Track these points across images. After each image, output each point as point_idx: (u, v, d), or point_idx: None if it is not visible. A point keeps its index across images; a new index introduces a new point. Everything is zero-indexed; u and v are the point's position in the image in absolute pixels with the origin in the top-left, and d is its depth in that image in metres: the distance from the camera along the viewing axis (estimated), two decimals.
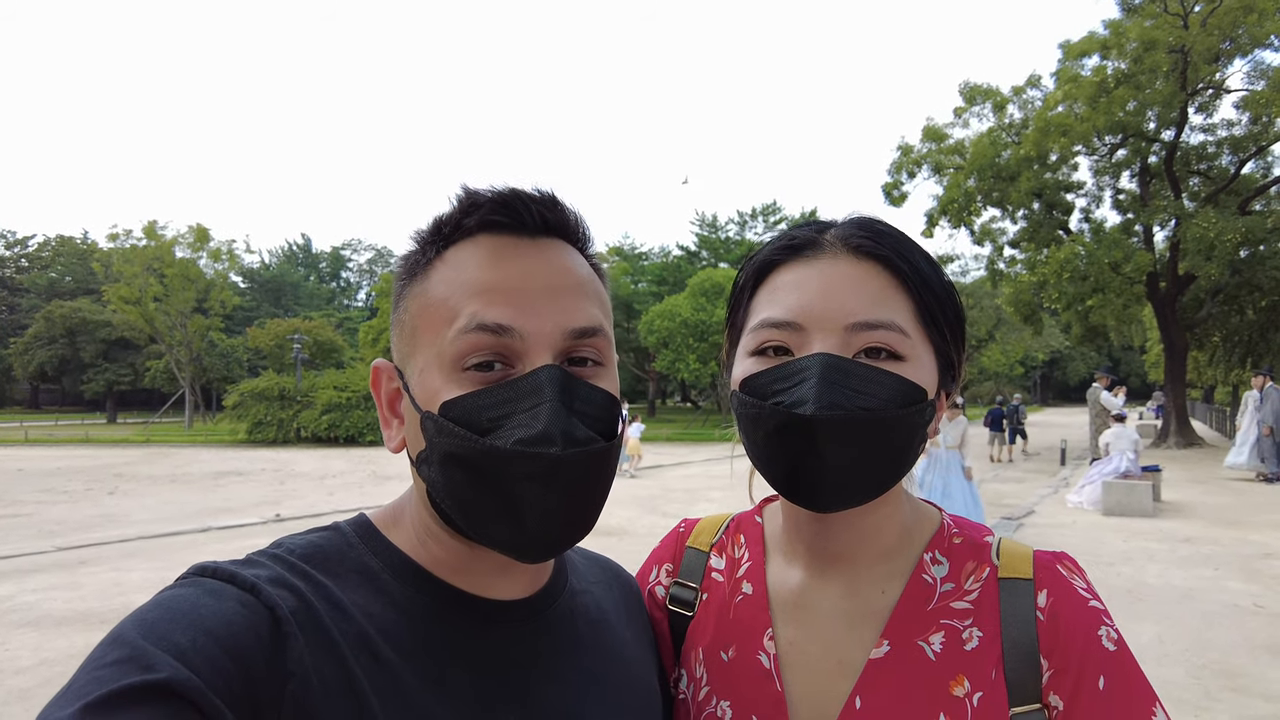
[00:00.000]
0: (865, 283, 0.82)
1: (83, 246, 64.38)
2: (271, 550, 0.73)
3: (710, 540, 1.04)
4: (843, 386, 0.78)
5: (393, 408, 0.80)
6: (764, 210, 51.96)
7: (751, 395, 0.84)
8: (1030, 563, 0.85)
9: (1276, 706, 4.47)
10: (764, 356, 0.85)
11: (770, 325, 0.84)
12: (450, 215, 0.76)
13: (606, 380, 0.77)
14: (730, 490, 15.32)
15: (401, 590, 0.75)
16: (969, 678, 0.80)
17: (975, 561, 0.87)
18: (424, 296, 0.75)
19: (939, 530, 0.91)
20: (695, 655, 0.95)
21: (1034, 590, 0.82)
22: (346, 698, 0.64)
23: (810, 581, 0.91)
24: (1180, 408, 23.24)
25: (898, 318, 0.81)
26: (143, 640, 0.57)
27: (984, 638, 0.81)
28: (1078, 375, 78.47)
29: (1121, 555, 8.39)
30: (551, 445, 0.67)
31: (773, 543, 0.99)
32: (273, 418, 30.32)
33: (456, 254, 0.75)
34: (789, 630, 0.90)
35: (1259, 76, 20.27)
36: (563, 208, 0.78)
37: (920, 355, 0.83)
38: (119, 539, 10.22)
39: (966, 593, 0.85)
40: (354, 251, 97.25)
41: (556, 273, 0.75)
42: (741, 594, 0.95)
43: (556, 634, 0.82)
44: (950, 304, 0.86)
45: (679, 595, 1.01)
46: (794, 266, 0.86)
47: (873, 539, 0.89)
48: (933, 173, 24.69)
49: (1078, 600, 0.81)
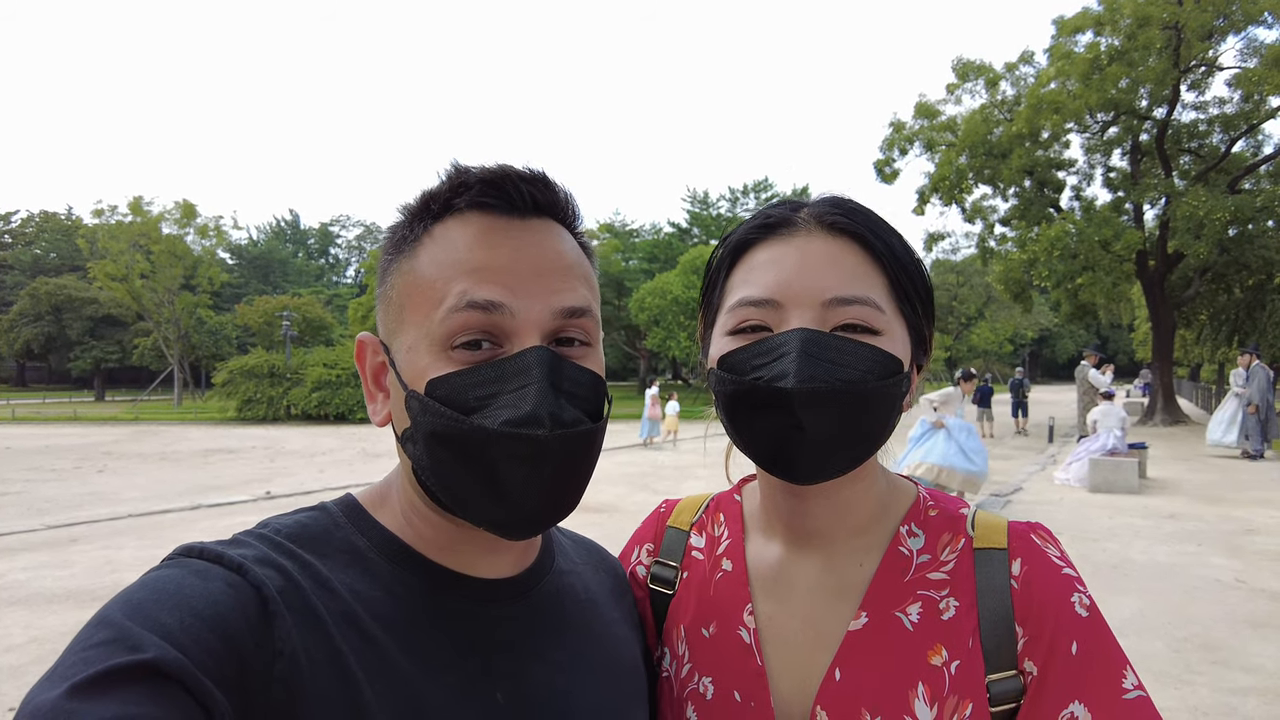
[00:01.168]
0: (841, 259, 0.83)
1: (67, 222, 63.62)
2: (258, 530, 0.73)
3: (690, 520, 1.05)
4: (822, 360, 0.79)
5: (378, 381, 0.80)
6: (756, 186, 51.78)
7: (730, 372, 0.84)
8: (1005, 533, 0.86)
9: (1256, 679, 4.55)
10: (742, 335, 0.85)
11: (748, 304, 0.85)
12: (440, 192, 0.75)
13: (593, 361, 0.77)
14: (720, 468, 15.25)
15: (389, 569, 0.75)
16: (946, 647, 0.81)
17: (951, 533, 0.88)
18: (412, 274, 0.74)
19: (915, 503, 0.92)
20: (677, 633, 0.96)
21: (1008, 559, 0.83)
22: (334, 676, 0.64)
23: (789, 557, 0.92)
24: (1167, 386, 23.45)
25: (873, 293, 0.82)
26: (129, 621, 0.57)
27: (960, 607, 0.83)
28: (1066, 353, 78.95)
29: (1107, 531, 8.50)
30: (539, 427, 0.67)
31: (751, 520, 1.00)
32: (262, 395, 30.25)
33: (446, 232, 0.74)
34: (768, 605, 0.91)
35: (1252, 54, 20.24)
36: (553, 187, 0.77)
37: (894, 329, 0.84)
38: (109, 517, 10.21)
39: (943, 564, 0.86)
40: (342, 228, 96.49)
41: (546, 253, 0.74)
42: (721, 571, 0.97)
43: (543, 612, 0.83)
44: (920, 280, 0.87)
45: (660, 574, 1.02)
46: (770, 245, 0.87)
47: (849, 513, 0.90)
48: (925, 149, 24.62)
49: (1051, 568, 0.83)
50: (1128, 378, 53.19)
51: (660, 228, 55.78)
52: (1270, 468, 13.72)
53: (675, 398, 20.86)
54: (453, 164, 0.76)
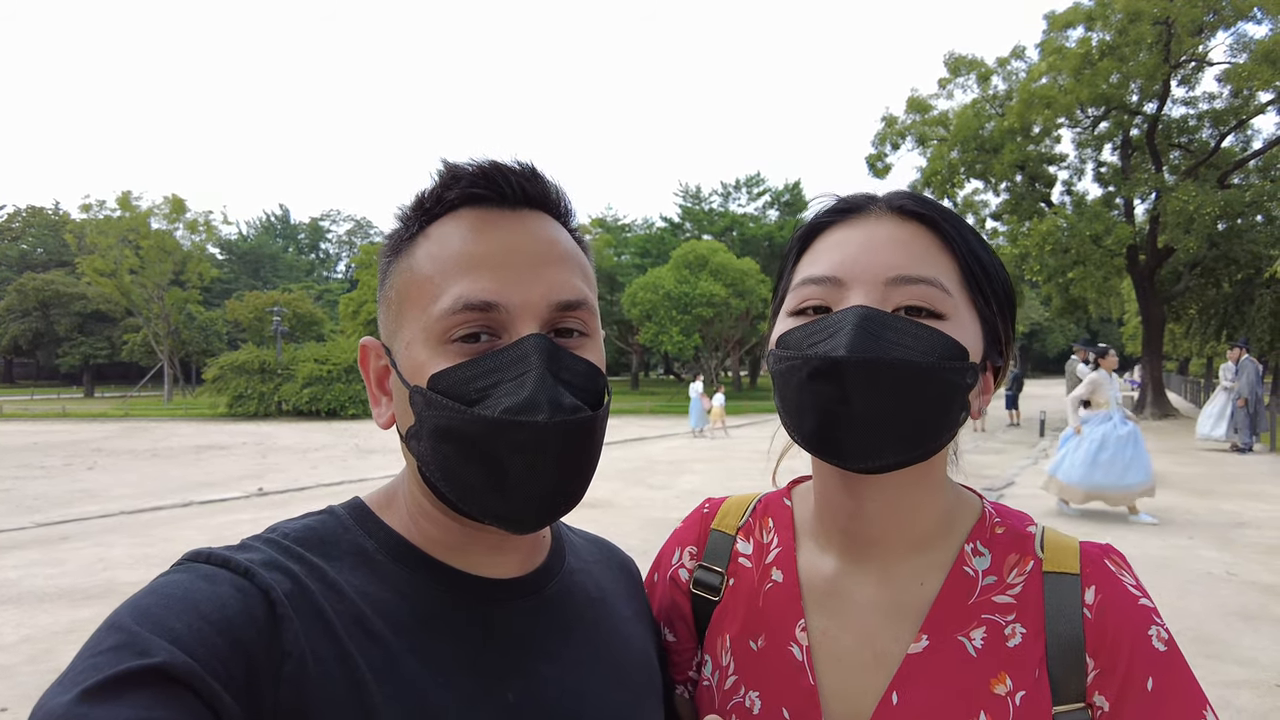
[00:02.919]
0: (909, 242, 0.81)
1: (54, 217, 63.14)
2: (266, 535, 0.74)
3: (736, 523, 1.01)
4: (878, 338, 0.75)
5: (381, 385, 0.80)
6: (748, 181, 51.73)
7: (786, 349, 0.82)
8: (1077, 556, 0.82)
9: (1248, 671, 4.59)
10: (803, 316, 0.83)
11: (810, 282, 0.83)
12: (432, 190, 0.76)
13: (592, 351, 0.77)
14: (713, 463, 15.49)
15: (397, 571, 0.75)
16: (1011, 675, 0.77)
17: (1018, 554, 0.84)
18: (409, 273, 0.75)
19: (980, 519, 0.88)
20: (721, 642, 0.93)
21: (1081, 586, 0.80)
22: (344, 678, 0.64)
23: (844, 569, 0.88)
24: (1157, 379, 23.60)
25: (940, 275, 0.80)
26: (138, 626, 0.57)
27: (1027, 634, 0.79)
28: (1057, 347, 79.35)
29: (1099, 525, 8.54)
30: (538, 412, 0.67)
31: (803, 527, 0.95)
32: (253, 391, 30.10)
33: (440, 229, 0.75)
34: (822, 621, 0.88)
35: (1241, 49, 20.35)
36: (542, 180, 0.78)
37: (962, 316, 0.80)
38: (100, 514, 10.14)
39: (1009, 586, 0.82)
40: (333, 223, 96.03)
41: (540, 244, 0.75)
42: (771, 581, 0.93)
43: (554, 612, 0.82)
44: (998, 276, 0.84)
45: (703, 579, 0.98)
46: (839, 228, 0.85)
47: (910, 523, 0.86)
48: (917, 144, 24.69)
49: (1128, 598, 0.79)
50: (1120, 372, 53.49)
51: (652, 222, 55.76)
52: (1259, 461, 13.84)
53: (721, 390, 22.50)
54: (443, 161, 0.77)
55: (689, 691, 0.99)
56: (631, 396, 40.68)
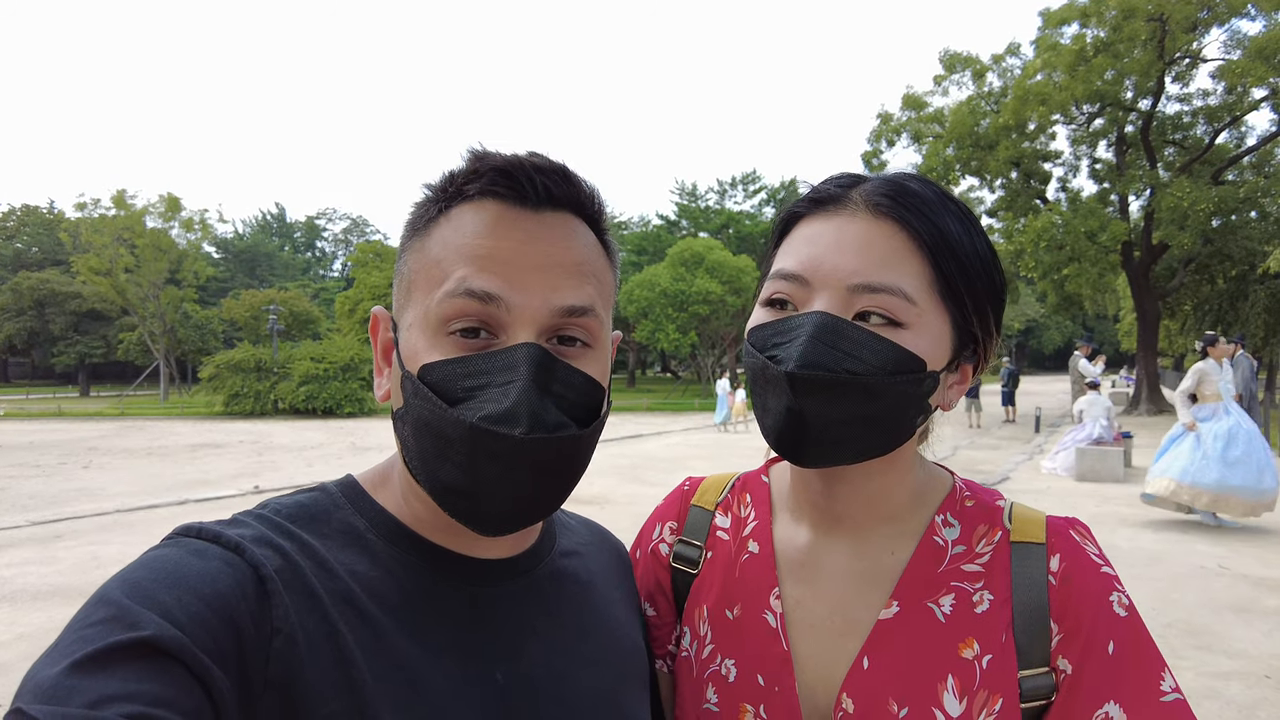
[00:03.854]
0: (876, 244, 0.80)
1: (49, 216, 62.80)
2: (257, 510, 0.73)
3: (715, 499, 1.04)
4: (832, 348, 0.77)
5: (386, 356, 0.79)
6: (744, 179, 51.75)
7: (754, 346, 0.84)
8: (1043, 527, 0.85)
9: (1238, 663, 4.62)
10: (772, 308, 0.85)
11: (781, 276, 0.84)
12: (456, 175, 0.75)
13: (593, 363, 0.75)
14: (710, 460, 15.52)
15: (387, 549, 0.75)
16: (978, 640, 0.80)
17: (987, 524, 0.87)
18: (423, 253, 0.74)
19: (951, 493, 0.91)
20: (699, 613, 0.95)
21: (1046, 555, 0.82)
22: (332, 655, 0.64)
23: (818, 540, 0.91)
24: (1151, 375, 23.67)
25: (904, 283, 0.78)
26: (127, 599, 0.57)
27: (994, 600, 0.81)
28: (1053, 344, 79.49)
29: (1093, 519, 8.56)
30: (516, 426, 0.66)
31: (779, 502, 0.98)
32: (249, 390, 30.00)
33: (459, 215, 0.73)
34: (796, 589, 0.90)
35: (1235, 45, 20.41)
36: (573, 180, 0.75)
37: (928, 324, 0.80)
38: (95, 513, 10.12)
39: (978, 555, 0.85)
40: (329, 221, 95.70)
41: (554, 248, 0.73)
42: (748, 553, 0.95)
43: (544, 593, 0.83)
44: (980, 273, 0.82)
45: (683, 553, 1.01)
46: (814, 220, 0.85)
47: (880, 502, 0.88)
48: (912, 141, 24.73)
49: (1091, 566, 0.82)
50: (1114, 368, 53.67)
51: (649, 220, 55.80)
52: None
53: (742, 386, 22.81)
54: (473, 147, 0.75)
55: (668, 665, 1.00)
56: (628, 394, 40.68)
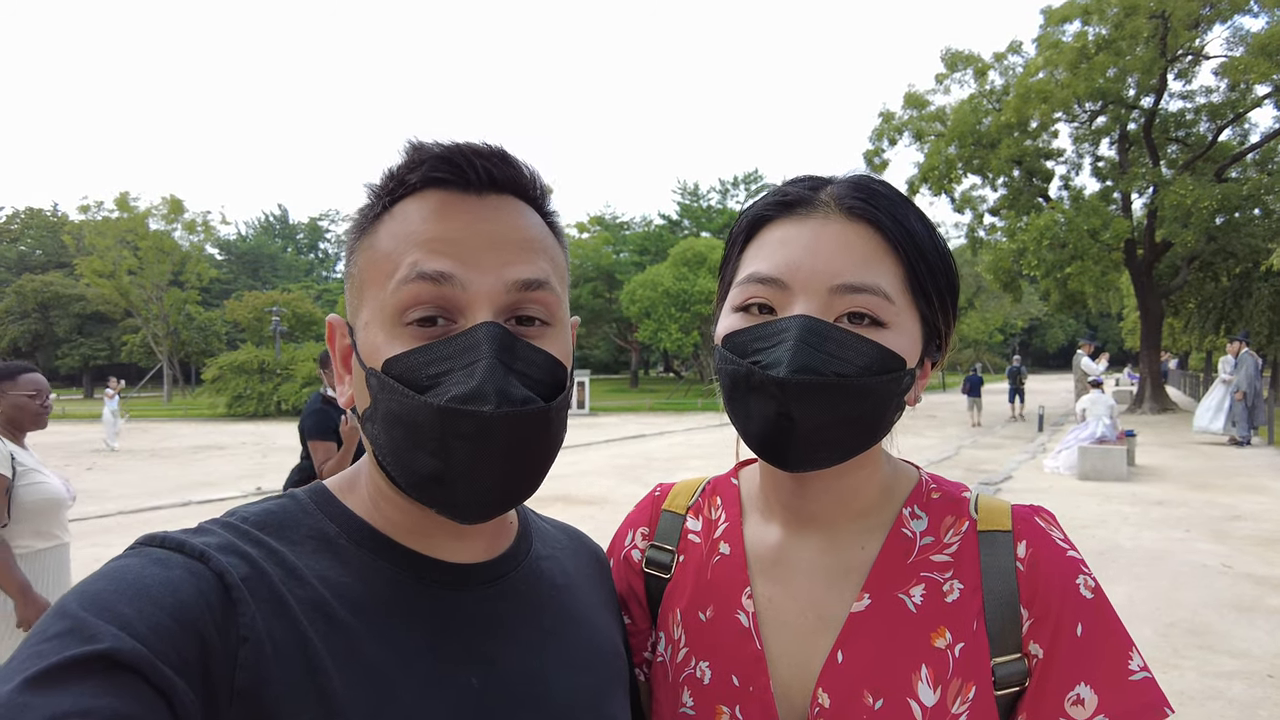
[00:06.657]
0: (854, 245, 0.81)
1: (53, 219, 63.06)
2: (224, 518, 0.72)
3: (686, 503, 1.04)
4: (819, 351, 0.77)
5: (345, 363, 0.79)
6: (746, 178, 51.79)
7: (732, 352, 0.83)
8: (1008, 515, 0.86)
9: (1241, 662, 4.60)
10: (748, 313, 0.84)
11: (756, 280, 0.83)
12: (397, 169, 0.75)
13: (554, 341, 0.75)
14: (711, 459, 15.48)
15: (358, 555, 0.74)
16: (950, 629, 0.80)
17: (954, 515, 0.88)
18: (371, 250, 0.74)
19: (917, 486, 0.92)
20: (673, 617, 0.95)
21: (1013, 542, 0.83)
22: (302, 663, 0.63)
23: (788, 539, 0.91)
24: (1155, 373, 23.59)
25: (884, 283, 0.80)
26: (85, 612, 0.56)
27: (964, 589, 0.82)
28: (1056, 342, 79.39)
29: (1096, 518, 8.55)
30: (485, 403, 0.66)
31: (750, 503, 0.98)
32: (252, 391, 30.08)
33: (403, 208, 0.73)
34: (767, 588, 0.90)
35: (1238, 42, 20.31)
36: (513, 163, 0.75)
37: (904, 323, 0.81)
38: (98, 514, 10.15)
39: (946, 546, 0.86)
40: (332, 222, 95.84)
41: (502, 227, 0.73)
42: (719, 554, 0.95)
43: (519, 597, 0.82)
44: (943, 271, 0.85)
45: (655, 558, 1.01)
46: (785, 223, 0.84)
47: (851, 499, 0.89)
48: (914, 140, 24.66)
49: (1056, 550, 0.82)
50: (1118, 366, 53.62)
51: (651, 220, 55.75)
52: (1256, 454, 13.84)
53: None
54: (409, 141, 0.75)
55: (644, 674, 1.00)
56: (631, 394, 40.68)
